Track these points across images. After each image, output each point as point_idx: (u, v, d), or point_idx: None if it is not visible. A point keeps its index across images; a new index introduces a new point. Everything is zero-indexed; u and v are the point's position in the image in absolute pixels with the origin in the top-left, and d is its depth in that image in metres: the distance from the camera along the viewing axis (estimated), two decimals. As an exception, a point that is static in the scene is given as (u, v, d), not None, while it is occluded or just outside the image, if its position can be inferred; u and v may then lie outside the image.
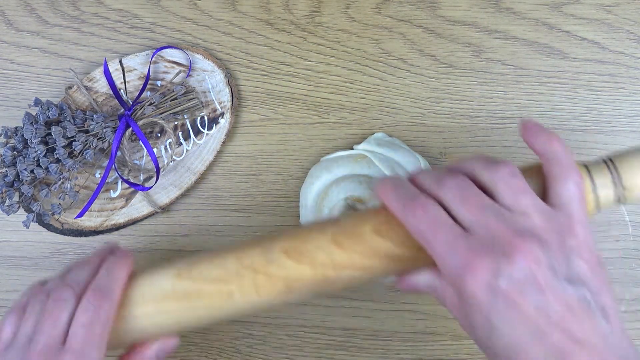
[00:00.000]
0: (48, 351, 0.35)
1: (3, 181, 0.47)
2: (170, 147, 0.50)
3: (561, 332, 0.30)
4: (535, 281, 0.30)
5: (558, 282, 0.30)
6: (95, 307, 0.36)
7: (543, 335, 0.30)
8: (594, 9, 0.49)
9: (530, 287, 0.30)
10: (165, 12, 0.51)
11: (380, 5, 0.50)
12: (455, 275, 0.31)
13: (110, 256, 0.39)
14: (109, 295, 0.37)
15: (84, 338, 0.35)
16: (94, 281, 0.37)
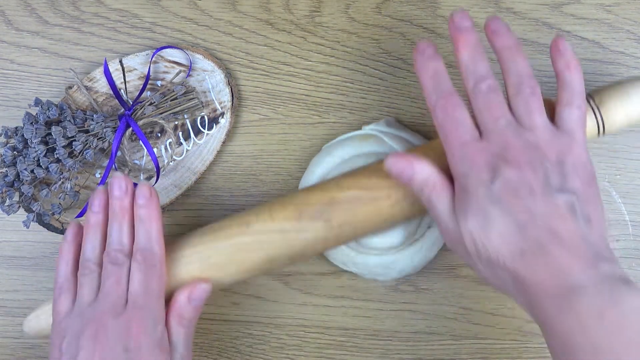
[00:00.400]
0: (115, 309, 0.39)
1: (3, 181, 0.47)
2: (171, 147, 0.50)
3: (543, 229, 0.34)
4: (529, 187, 0.35)
5: (550, 190, 0.35)
6: (147, 265, 0.40)
7: (525, 229, 0.34)
8: (594, 8, 0.49)
9: (523, 191, 0.34)
10: (165, 12, 0.51)
11: (381, 5, 0.50)
12: (461, 172, 0.36)
13: (137, 207, 0.41)
14: (155, 250, 0.40)
15: (145, 294, 0.39)
16: (137, 240, 0.41)
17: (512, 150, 0.35)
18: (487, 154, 0.36)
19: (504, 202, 0.35)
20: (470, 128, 0.37)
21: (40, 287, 0.52)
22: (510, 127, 0.36)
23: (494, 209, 0.35)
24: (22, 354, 0.52)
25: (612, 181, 0.49)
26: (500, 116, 0.36)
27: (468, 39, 0.38)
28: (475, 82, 0.37)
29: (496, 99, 0.37)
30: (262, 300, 0.50)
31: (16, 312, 0.52)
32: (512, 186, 0.35)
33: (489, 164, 0.35)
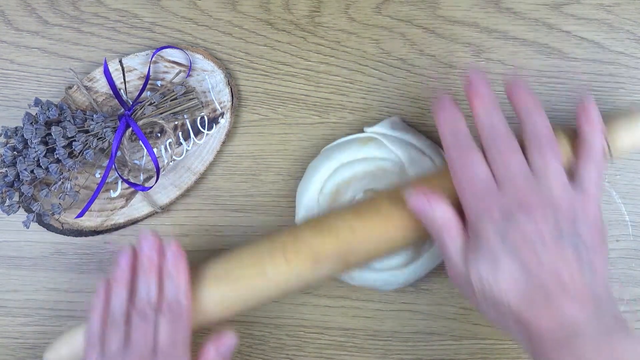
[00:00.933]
0: (145, 355, 0.40)
1: (3, 181, 0.47)
2: (170, 147, 0.50)
3: (550, 275, 0.36)
4: (541, 236, 0.36)
5: (560, 240, 0.36)
6: (174, 317, 0.41)
7: (532, 274, 0.36)
8: (594, 9, 0.49)
9: (535, 239, 0.36)
10: (165, 12, 0.51)
11: (380, 5, 0.50)
12: (475, 220, 0.38)
13: (166, 262, 0.43)
14: (182, 303, 0.41)
15: (172, 345, 0.40)
16: (165, 294, 0.42)
17: (526, 203, 0.37)
18: (501, 205, 0.37)
19: (514, 249, 0.36)
20: (486, 180, 0.38)
21: (40, 287, 0.52)
22: (526, 180, 0.37)
23: (504, 255, 0.36)
24: (22, 354, 0.52)
25: (612, 181, 0.49)
26: (515, 169, 0.38)
27: (484, 99, 0.40)
28: (490, 135, 0.39)
29: (512, 152, 0.38)
30: (262, 300, 0.50)
31: (16, 312, 0.52)
32: (524, 234, 0.36)
33: (503, 214, 0.37)
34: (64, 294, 0.52)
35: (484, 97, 0.40)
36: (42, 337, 0.52)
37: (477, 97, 0.40)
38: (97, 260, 0.51)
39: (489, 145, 0.39)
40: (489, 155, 0.39)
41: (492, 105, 0.40)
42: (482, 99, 0.40)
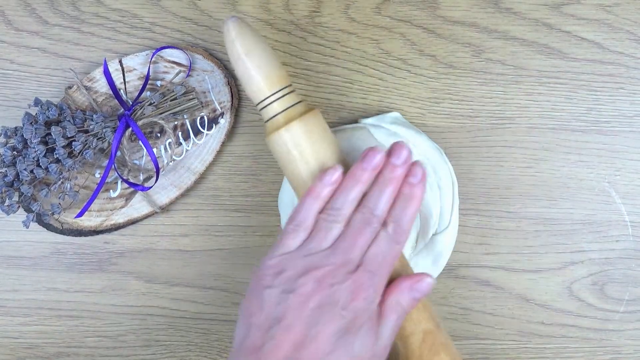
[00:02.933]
0: (349, 265, 0.38)
1: (3, 181, 0.47)
2: (170, 147, 0.50)
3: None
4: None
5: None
6: (394, 239, 0.39)
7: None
8: (593, 9, 0.49)
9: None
10: (165, 12, 0.51)
11: (380, 5, 0.50)
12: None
13: (407, 184, 0.40)
14: (405, 229, 0.39)
15: (380, 264, 0.38)
16: (393, 213, 0.39)
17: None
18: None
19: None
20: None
21: (40, 287, 0.52)
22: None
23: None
24: (22, 353, 0.52)
25: (612, 182, 0.49)
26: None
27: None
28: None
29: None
30: (261, 300, 0.50)
31: (16, 312, 0.52)
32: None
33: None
34: (63, 293, 0.52)
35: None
36: (42, 337, 0.52)
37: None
38: (97, 260, 0.51)
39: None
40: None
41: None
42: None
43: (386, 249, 0.38)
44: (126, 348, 0.51)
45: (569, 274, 0.49)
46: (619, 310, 0.49)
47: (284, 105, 0.41)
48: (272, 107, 0.41)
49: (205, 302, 0.51)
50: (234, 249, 0.51)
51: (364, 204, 0.40)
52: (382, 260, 0.38)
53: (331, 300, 0.36)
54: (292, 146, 0.41)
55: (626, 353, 0.48)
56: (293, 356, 0.35)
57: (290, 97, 0.42)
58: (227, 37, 0.41)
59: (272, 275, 0.38)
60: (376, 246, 0.38)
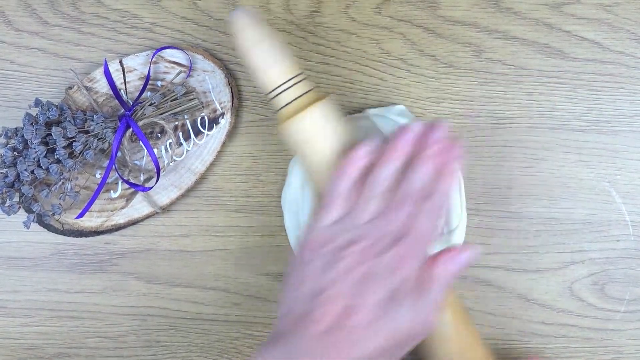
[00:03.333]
0: (394, 236, 0.38)
1: (3, 182, 0.47)
2: (171, 148, 0.50)
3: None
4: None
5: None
6: (435, 214, 0.39)
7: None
8: (594, 8, 0.49)
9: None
10: (165, 12, 0.51)
11: (381, 5, 0.50)
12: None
13: (446, 159, 0.40)
14: (443, 204, 0.40)
15: (420, 236, 0.38)
16: (432, 188, 0.39)
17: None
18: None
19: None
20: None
21: (40, 288, 0.52)
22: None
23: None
24: (23, 354, 0.52)
25: (612, 181, 0.49)
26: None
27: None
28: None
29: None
30: (262, 300, 0.50)
31: (16, 313, 0.52)
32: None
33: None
34: (64, 294, 0.52)
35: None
36: (43, 338, 0.52)
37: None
38: (98, 260, 0.51)
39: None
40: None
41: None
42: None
43: (426, 221, 0.39)
44: (127, 349, 0.51)
45: (569, 273, 0.49)
46: (620, 310, 0.49)
47: (297, 92, 0.41)
48: (284, 96, 0.41)
49: (206, 302, 0.51)
50: (234, 250, 0.51)
51: (404, 178, 0.40)
52: (423, 234, 0.38)
53: (375, 271, 0.37)
54: (309, 132, 0.41)
55: (627, 353, 0.48)
56: (338, 325, 0.36)
57: (304, 85, 0.42)
58: (236, 27, 0.41)
59: (315, 249, 0.38)
60: (416, 219, 0.38)
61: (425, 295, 0.37)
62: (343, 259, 0.37)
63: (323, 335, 0.35)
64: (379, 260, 0.37)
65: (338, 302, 0.36)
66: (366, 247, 0.38)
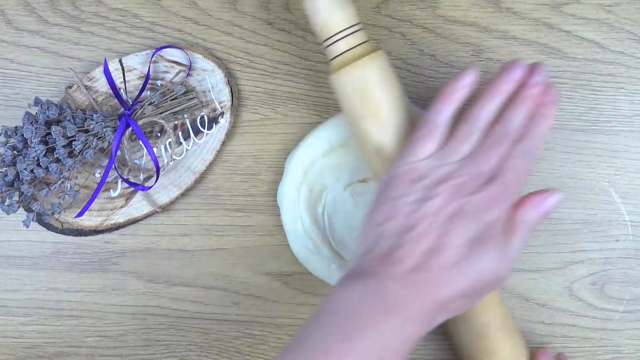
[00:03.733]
0: (487, 176, 0.37)
1: (3, 181, 0.47)
2: (170, 147, 0.50)
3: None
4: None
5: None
6: (529, 157, 0.39)
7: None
8: (594, 8, 0.49)
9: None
10: (165, 11, 0.51)
11: (380, 5, 0.50)
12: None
13: (546, 104, 0.40)
14: (538, 147, 0.39)
15: (514, 178, 0.37)
16: (529, 130, 0.39)
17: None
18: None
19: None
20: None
21: (40, 287, 0.52)
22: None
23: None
24: (22, 353, 0.52)
25: (612, 181, 0.49)
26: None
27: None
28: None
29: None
30: (262, 300, 0.50)
31: (16, 312, 0.52)
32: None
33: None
34: (63, 293, 0.52)
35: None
36: (42, 337, 0.52)
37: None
38: (97, 259, 0.51)
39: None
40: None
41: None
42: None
43: (520, 163, 0.38)
44: (126, 348, 0.51)
45: (569, 273, 0.49)
46: (619, 309, 0.49)
47: (355, 41, 0.41)
48: (341, 44, 0.41)
49: (205, 301, 0.51)
50: (234, 249, 0.51)
51: (502, 117, 0.39)
52: (516, 175, 0.38)
53: (465, 210, 0.36)
54: (366, 81, 0.40)
55: (626, 352, 0.48)
56: (423, 263, 0.35)
57: (361, 34, 0.41)
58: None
59: (407, 183, 0.38)
60: (511, 160, 0.38)
61: (511, 240, 0.37)
62: (434, 196, 0.37)
63: (408, 274, 0.35)
64: (470, 199, 0.37)
65: (426, 240, 0.36)
66: (458, 185, 0.37)
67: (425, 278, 0.35)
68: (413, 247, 0.35)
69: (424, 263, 0.35)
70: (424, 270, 0.35)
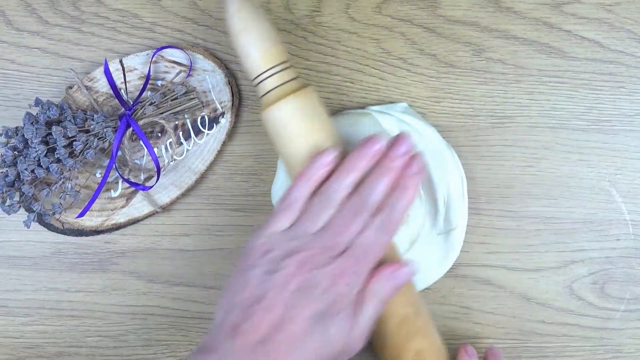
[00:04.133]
0: (335, 249, 0.38)
1: (4, 181, 0.47)
2: (171, 147, 0.50)
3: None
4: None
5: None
6: (385, 229, 0.39)
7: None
8: (594, 8, 0.49)
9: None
10: (165, 11, 0.51)
11: (381, 4, 0.50)
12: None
13: (406, 175, 0.40)
14: (397, 220, 0.39)
15: (366, 251, 0.38)
16: (387, 202, 0.39)
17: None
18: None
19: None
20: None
21: (41, 287, 0.52)
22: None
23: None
24: (23, 353, 0.52)
25: (613, 181, 0.49)
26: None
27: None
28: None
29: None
30: (262, 299, 0.50)
31: (17, 312, 0.52)
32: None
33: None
34: (64, 293, 0.52)
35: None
36: (43, 337, 0.52)
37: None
38: (98, 260, 0.51)
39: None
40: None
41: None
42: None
43: (374, 237, 0.38)
44: (127, 348, 0.51)
45: (569, 272, 0.49)
46: (620, 309, 0.49)
47: (278, 81, 0.41)
48: (266, 83, 0.41)
49: (206, 301, 0.51)
50: (235, 249, 0.51)
51: (359, 191, 0.39)
52: (369, 249, 0.38)
53: (312, 284, 0.37)
54: (284, 123, 0.41)
55: (627, 352, 0.48)
56: (269, 336, 0.35)
57: (286, 74, 0.41)
58: (227, 12, 0.41)
59: (258, 255, 0.38)
60: (364, 234, 0.38)
61: (361, 311, 0.37)
62: (283, 269, 0.37)
63: (257, 346, 0.35)
64: (319, 272, 0.37)
65: (272, 314, 0.36)
66: (308, 257, 0.37)
67: (273, 349, 0.35)
68: (260, 320, 0.36)
69: (270, 336, 0.35)
70: (269, 343, 0.35)
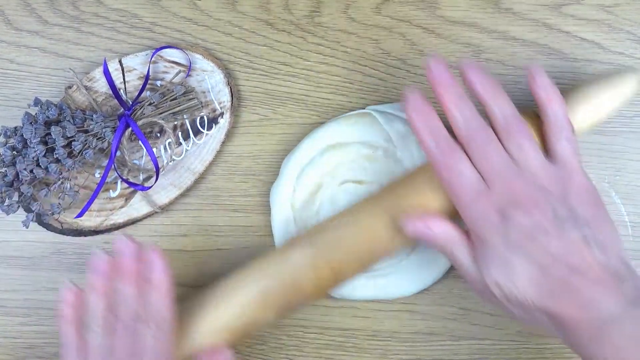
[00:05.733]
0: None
1: (2, 181, 0.47)
2: (170, 147, 0.50)
3: (564, 266, 0.36)
4: (541, 228, 0.36)
5: (561, 226, 0.36)
6: (159, 332, 0.39)
7: (547, 269, 0.36)
8: (593, 9, 0.49)
9: (537, 233, 0.36)
10: (165, 12, 0.51)
11: (380, 5, 0.50)
12: (475, 224, 0.38)
13: (148, 270, 0.41)
14: (166, 317, 0.40)
15: (155, 355, 0.39)
16: (148, 307, 0.40)
17: (517, 195, 0.37)
18: (495, 203, 0.37)
19: (521, 247, 0.37)
20: (475, 181, 0.38)
21: (40, 287, 0.52)
22: (510, 171, 0.38)
23: (513, 256, 0.37)
24: (22, 354, 0.52)
25: (612, 182, 0.49)
26: (498, 162, 0.38)
27: (451, 92, 0.39)
28: (466, 131, 0.39)
29: (490, 145, 0.38)
30: (261, 300, 0.50)
31: (15, 312, 0.52)
32: (526, 230, 0.37)
33: (499, 212, 0.37)
34: (63, 293, 0.52)
35: (451, 90, 0.39)
36: (41, 337, 0.52)
37: (445, 90, 0.39)
38: (97, 260, 0.51)
39: (467, 141, 0.39)
40: (469, 152, 0.39)
41: (461, 97, 0.39)
42: (449, 92, 0.39)
43: (155, 344, 0.39)
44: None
45: (568, 274, 0.49)
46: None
47: None
48: None
49: (204, 302, 0.51)
50: (234, 249, 0.51)
51: (117, 307, 0.40)
52: (156, 355, 0.39)
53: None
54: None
55: (626, 353, 0.48)
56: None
57: None
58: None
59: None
60: (145, 347, 0.39)
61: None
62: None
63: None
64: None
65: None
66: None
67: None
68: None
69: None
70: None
